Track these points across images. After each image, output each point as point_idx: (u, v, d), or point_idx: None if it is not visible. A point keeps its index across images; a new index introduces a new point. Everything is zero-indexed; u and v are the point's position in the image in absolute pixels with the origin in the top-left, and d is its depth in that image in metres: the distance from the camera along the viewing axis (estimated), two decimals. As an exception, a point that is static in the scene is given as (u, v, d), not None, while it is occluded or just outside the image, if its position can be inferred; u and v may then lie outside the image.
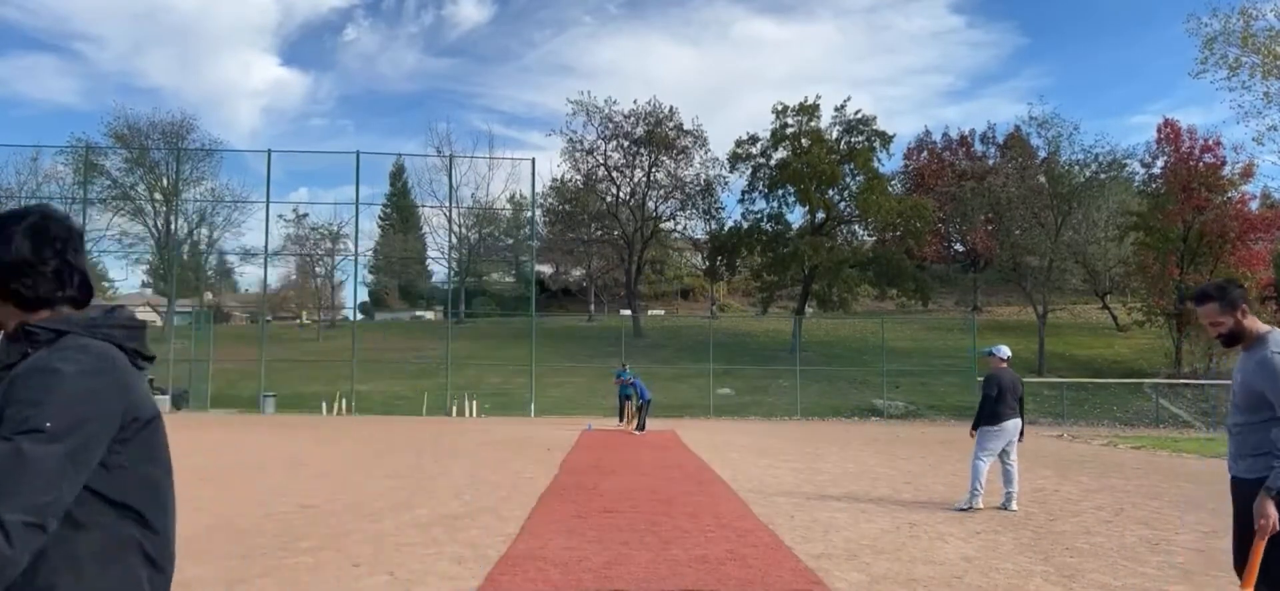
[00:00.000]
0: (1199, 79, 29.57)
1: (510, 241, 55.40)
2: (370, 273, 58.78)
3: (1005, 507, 8.44)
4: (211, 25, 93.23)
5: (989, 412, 8.60)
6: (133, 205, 41.69)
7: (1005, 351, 8.87)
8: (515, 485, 9.96)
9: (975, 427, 8.74)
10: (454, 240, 42.97)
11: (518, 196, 50.52)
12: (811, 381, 32.04)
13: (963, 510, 8.37)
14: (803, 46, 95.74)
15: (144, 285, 54.68)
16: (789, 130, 40.39)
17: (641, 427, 19.43)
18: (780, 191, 40.95)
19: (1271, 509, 3.05)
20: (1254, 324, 3.30)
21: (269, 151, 32.30)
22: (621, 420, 21.74)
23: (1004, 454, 8.65)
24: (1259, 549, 3.10)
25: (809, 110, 40.09)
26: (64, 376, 1.33)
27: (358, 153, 32.00)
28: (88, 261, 1.55)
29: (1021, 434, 8.77)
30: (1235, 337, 3.33)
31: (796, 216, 42.38)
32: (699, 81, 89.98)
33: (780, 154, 40.87)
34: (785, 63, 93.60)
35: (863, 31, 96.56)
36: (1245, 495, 3.21)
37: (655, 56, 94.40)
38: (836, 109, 41.11)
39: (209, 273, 48.64)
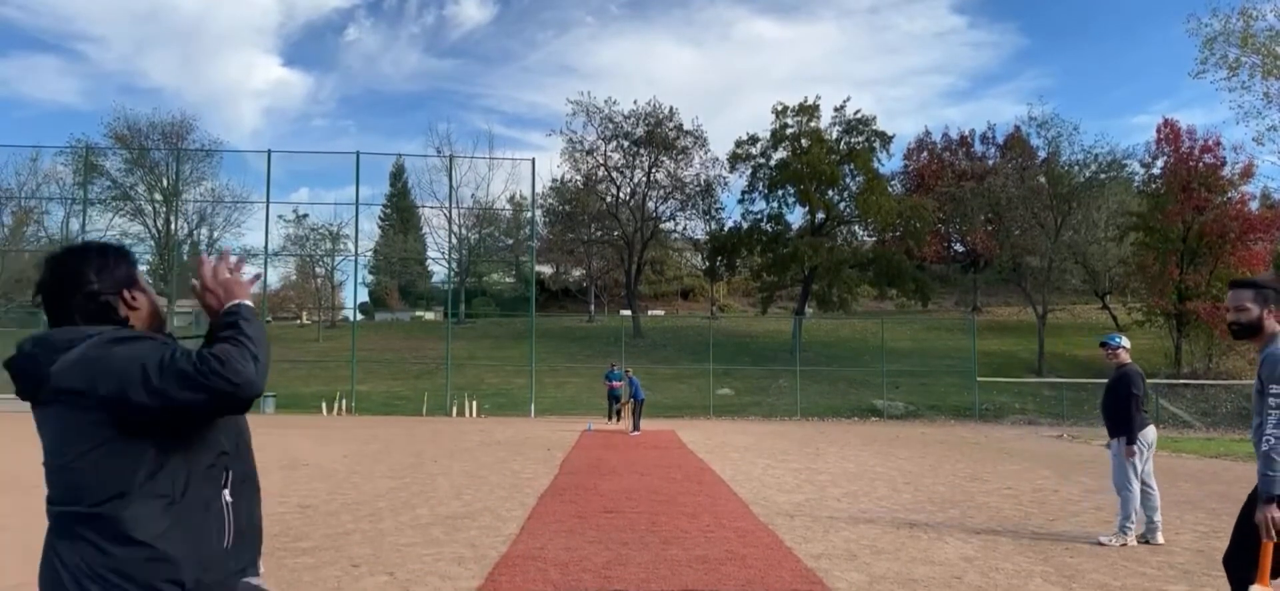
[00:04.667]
0: (1199, 79, 29.59)
1: (510, 241, 55.40)
2: (370, 273, 58.82)
3: (1148, 539, 6.83)
4: (213, 26, 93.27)
5: (1139, 417, 6.91)
6: (133, 205, 41.68)
7: (1128, 342, 7.47)
8: (515, 485, 9.97)
9: (1131, 438, 6.86)
10: (454, 240, 42.99)
11: (518, 196, 50.57)
12: (811, 381, 32.04)
13: (1109, 543, 6.75)
14: (804, 47, 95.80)
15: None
16: (789, 130, 40.41)
17: (636, 428, 19.44)
18: (780, 192, 40.98)
19: (1271, 512, 3.10)
20: (1274, 325, 3.34)
21: (269, 151, 32.35)
22: (612, 419, 21.99)
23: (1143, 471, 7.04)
24: (1268, 549, 3.15)
25: (809, 111, 40.10)
26: None
27: (358, 153, 32.04)
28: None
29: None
30: (1248, 330, 3.37)
31: (796, 217, 42.44)
32: (700, 82, 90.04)
33: (780, 154, 40.90)
34: (787, 63, 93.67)
35: (865, 32, 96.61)
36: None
37: (657, 57, 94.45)
38: (836, 109, 41.18)
39: (209, 273, 48.58)
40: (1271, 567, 3.20)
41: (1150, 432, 7.04)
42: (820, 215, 41.01)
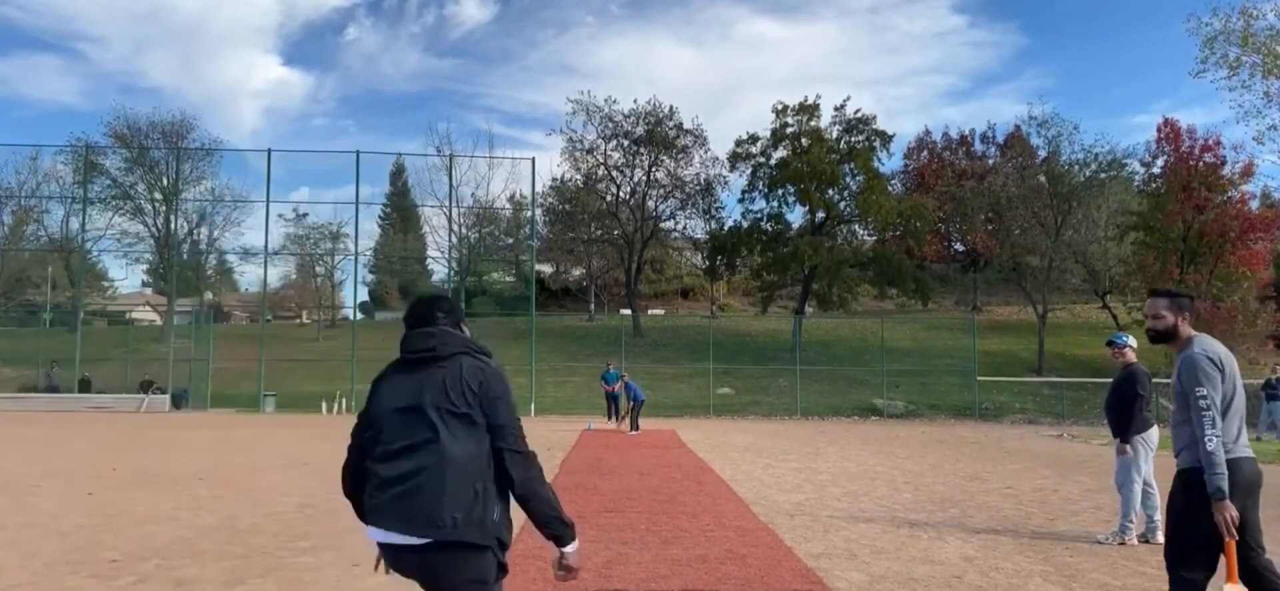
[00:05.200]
0: (1199, 79, 29.52)
1: (510, 241, 55.37)
2: (370, 272, 58.77)
3: (1148, 538, 6.78)
4: (214, 25, 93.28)
5: (1141, 417, 6.90)
6: (133, 205, 41.65)
7: (1134, 341, 7.33)
8: (515, 485, 9.95)
9: (1126, 438, 6.89)
10: (454, 240, 42.95)
11: (518, 196, 50.50)
12: (811, 381, 32.04)
13: (1106, 542, 6.79)
14: (804, 47, 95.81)
15: (144, 285, 54.74)
16: (789, 130, 40.38)
17: (635, 428, 19.44)
18: (780, 191, 40.95)
19: (1227, 510, 3.30)
20: (1187, 330, 3.66)
21: (269, 151, 32.43)
22: (611, 419, 21.98)
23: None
24: (1230, 547, 3.36)
25: (809, 110, 40.08)
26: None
27: (358, 152, 32.11)
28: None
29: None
30: (1164, 336, 3.72)
31: (796, 216, 42.41)
32: (700, 81, 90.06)
33: (780, 153, 40.87)
34: (787, 63, 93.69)
35: (865, 32, 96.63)
36: (1181, 485, 3.54)
37: (657, 56, 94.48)
38: (836, 108, 41.14)
39: (209, 272, 48.62)
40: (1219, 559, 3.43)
41: (1153, 433, 7.04)
42: (820, 215, 40.99)
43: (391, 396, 2.56)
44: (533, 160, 50.61)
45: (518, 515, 2.56)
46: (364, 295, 59.45)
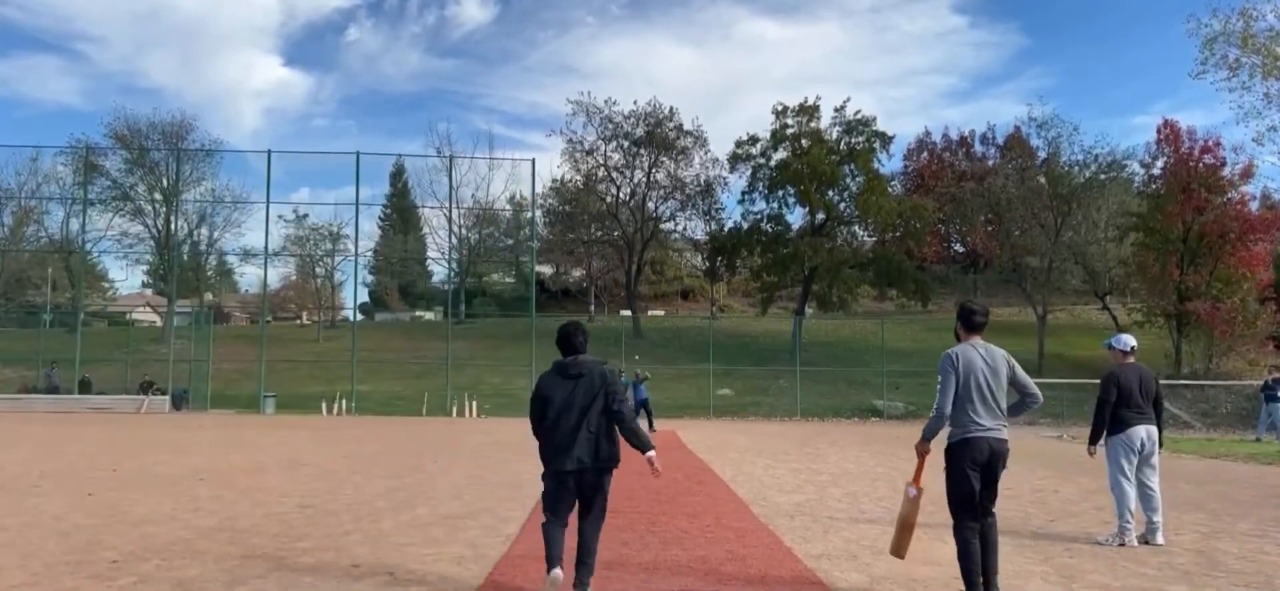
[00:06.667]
0: (1199, 80, 29.48)
1: (510, 242, 55.39)
2: (370, 273, 58.80)
3: (1148, 540, 6.76)
4: (214, 26, 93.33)
5: (1111, 419, 7.02)
6: (133, 205, 41.65)
7: (1129, 341, 7.23)
8: (515, 485, 9.96)
9: (1093, 442, 7.19)
10: (454, 240, 42.98)
11: (518, 197, 50.53)
12: (811, 382, 32.04)
13: (1106, 544, 6.77)
14: (805, 47, 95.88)
15: (144, 286, 54.72)
16: (789, 131, 40.40)
17: (651, 428, 19.49)
18: (780, 192, 40.97)
19: (923, 448, 5.00)
20: (963, 335, 5.05)
21: (269, 152, 32.47)
22: None
23: (1139, 472, 6.97)
24: (920, 462, 5.05)
25: (809, 111, 40.09)
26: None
27: (358, 153, 32.15)
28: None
29: (1159, 445, 7.05)
30: (955, 338, 5.07)
31: (796, 217, 42.44)
32: (700, 82, 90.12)
33: (780, 154, 40.88)
34: (787, 63, 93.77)
35: (866, 32, 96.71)
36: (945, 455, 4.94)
37: (657, 57, 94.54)
38: (836, 109, 41.16)
39: (209, 273, 48.62)
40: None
41: (1134, 434, 6.94)
42: (820, 215, 41.00)
43: None
44: (533, 161, 49.98)
45: (514, 518, 2.54)
46: (364, 296, 59.50)
